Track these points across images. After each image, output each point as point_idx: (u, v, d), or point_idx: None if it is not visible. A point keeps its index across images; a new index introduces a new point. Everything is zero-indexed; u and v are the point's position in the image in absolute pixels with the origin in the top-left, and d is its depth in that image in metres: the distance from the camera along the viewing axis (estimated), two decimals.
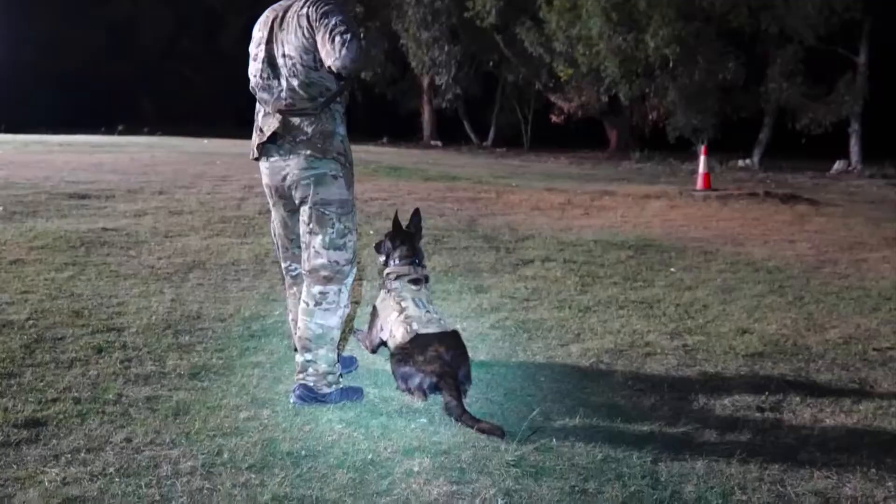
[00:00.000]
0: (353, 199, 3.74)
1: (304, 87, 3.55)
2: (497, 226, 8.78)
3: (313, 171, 3.60)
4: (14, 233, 6.99)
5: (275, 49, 3.60)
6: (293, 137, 3.60)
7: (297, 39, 3.52)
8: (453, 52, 26.27)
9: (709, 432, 3.51)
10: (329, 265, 3.67)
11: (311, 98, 3.57)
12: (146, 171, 11.92)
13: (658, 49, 20.05)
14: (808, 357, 4.65)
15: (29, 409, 3.47)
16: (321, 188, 3.61)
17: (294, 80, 3.56)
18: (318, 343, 3.69)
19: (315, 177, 3.60)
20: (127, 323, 4.77)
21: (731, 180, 16.64)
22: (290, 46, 3.55)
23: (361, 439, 3.32)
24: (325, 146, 3.60)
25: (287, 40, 3.55)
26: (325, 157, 3.60)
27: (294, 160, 3.61)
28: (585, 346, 4.71)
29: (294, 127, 3.59)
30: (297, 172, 3.62)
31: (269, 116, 3.65)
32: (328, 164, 3.61)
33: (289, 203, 3.76)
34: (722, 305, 5.77)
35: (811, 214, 10.60)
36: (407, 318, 4.00)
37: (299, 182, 3.63)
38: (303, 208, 3.68)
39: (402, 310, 4.06)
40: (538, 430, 3.45)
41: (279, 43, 3.59)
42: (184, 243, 7.03)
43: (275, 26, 3.62)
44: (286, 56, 3.56)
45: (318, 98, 3.57)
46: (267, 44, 3.62)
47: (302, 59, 3.53)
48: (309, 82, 3.55)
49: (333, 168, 3.62)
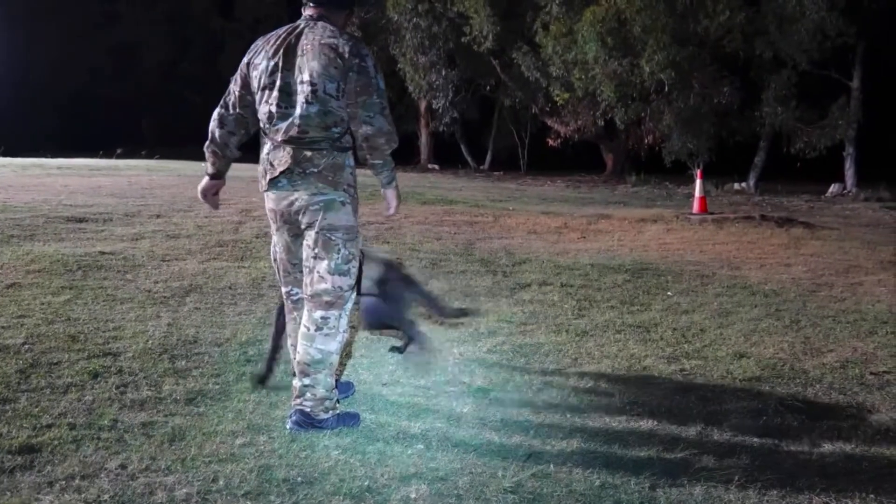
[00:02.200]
0: (357, 225, 3.74)
1: (321, 115, 3.55)
2: (494, 249, 8.79)
3: (323, 196, 3.60)
4: (11, 256, 6.97)
5: (293, 76, 3.57)
6: (303, 170, 3.59)
7: (322, 66, 3.51)
8: (450, 76, 26.41)
9: (707, 458, 3.50)
10: (333, 290, 3.66)
11: (326, 127, 3.57)
12: (144, 194, 11.92)
13: (653, 74, 20.19)
14: (805, 381, 4.65)
15: (23, 435, 3.45)
16: (329, 213, 3.62)
17: (312, 108, 3.54)
18: (316, 368, 3.68)
19: (324, 203, 3.61)
20: (123, 347, 4.75)
21: (727, 204, 16.69)
22: (313, 73, 3.52)
23: (358, 466, 3.31)
24: (336, 179, 3.60)
25: (310, 66, 3.53)
26: (336, 189, 3.61)
27: (303, 189, 3.61)
28: (583, 371, 4.70)
29: (305, 160, 3.58)
30: (306, 198, 3.61)
31: (279, 149, 3.62)
32: (338, 193, 3.62)
33: (293, 228, 3.75)
34: (719, 329, 5.77)
35: (807, 238, 10.62)
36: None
37: (308, 208, 3.62)
38: (308, 233, 3.67)
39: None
40: (535, 455, 3.44)
41: (297, 69, 3.56)
42: (181, 267, 7.02)
43: (289, 53, 3.59)
44: (305, 82, 3.54)
45: (332, 128, 3.57)
46: (283, 71, 3.59)
47: (325, 86, 3.52)
48: (326, 111, 3.55)
49: (342, 196, 3.63)
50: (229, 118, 3.79)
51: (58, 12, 30.84)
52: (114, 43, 32.63)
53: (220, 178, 3.97)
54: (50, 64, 29.94)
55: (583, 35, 20.88)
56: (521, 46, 24.00)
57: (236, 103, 3.76)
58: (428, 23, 25.46)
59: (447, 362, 4.80)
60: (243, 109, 3.76)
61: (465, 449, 3.52)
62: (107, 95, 31.87)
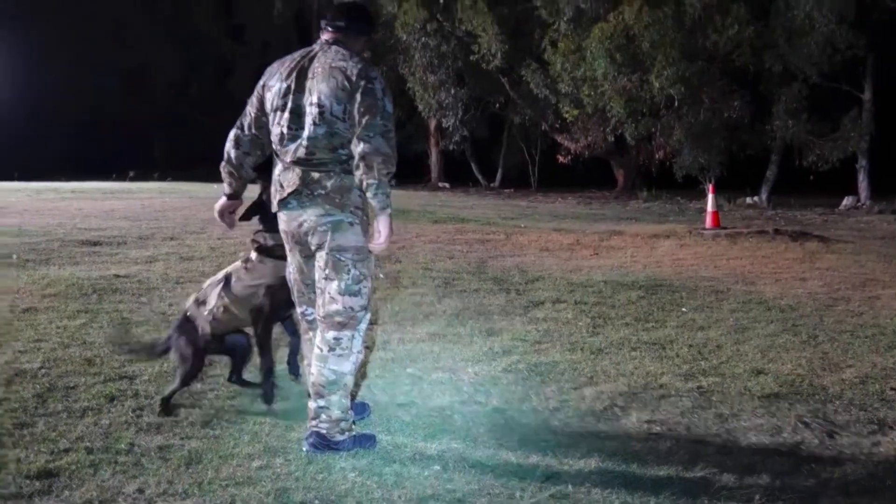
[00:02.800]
0: (367, 246, 3.73)
1: (328, 136, 3.58)
2: (507, 267, 8.78)
3: (330, 217, 3.62)
4: (27, 280, 7.01)
5: (303, 98, 3.62)
6: (311, 191, 3.62)
7: (331, 88, 3.55)
8: (460, 94, 26.48)
9: (727, 476, 3.47)
10: (344, 311, 3.66)
11: (332, 149, 3.59)
12: (157, 216, 11.98)
13: (663, 89, 20.19)
14: (824, 398, 4.61)
15: (41, 459, 3.45)
16: (337, 234, 3.63)
17: (319, 129, 3.58)
18: (330, 389, 3.67)
19: (332, 223, 3.62)
20: (139, 370, 4.76)
21: (740, 218, 16.64)
22: (321, 94, 3.57)
23: (375, 488, 3.29)
24: (343, 201, 3.62)
25: (319, 89, 3.58)
26: (343, 211, 3.62)
27: (311, 209, 3.63)
28: (599, 389, 4.68)
29: (313, 181, 3.61)
30: (314, 220, 3.64)
31: (289, 171, 3.66)
32: (345, 215, 3.63)
33: (305, 249, 3.76)
34: (735, 345, 5.73)
35: (822, 252, 10.56)
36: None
37: (316, 229, 3.64)
38: (319, 254, 3.69)
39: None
40: (553, 476, 3.42)
41: (307, 91, 3.61)
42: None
43: (301, 76, 3.64)
44: (314, 104, 3.58)
45: (339, 150, 3.59)
46: (295, 93, 3.64)
47: (333, 108, 3.56)
48: (333, 132, 3.57)
49: (350, 217, 3.64)
50: (245, 139, 3.84)
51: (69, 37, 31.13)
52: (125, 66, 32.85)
53: (237, 198, 4.02)
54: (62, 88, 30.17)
55: (591, 52, 20.92)
56: (529, 64, 24.07)
57: (252, 124, 3.81)
58: (436, 42, 25.57)
59: (462, 382, 4.78)
60: (258, 130, 3.81)
61: (483, 470, 3.50)
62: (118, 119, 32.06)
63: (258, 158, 3.90)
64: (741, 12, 19.92)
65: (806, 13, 19.29)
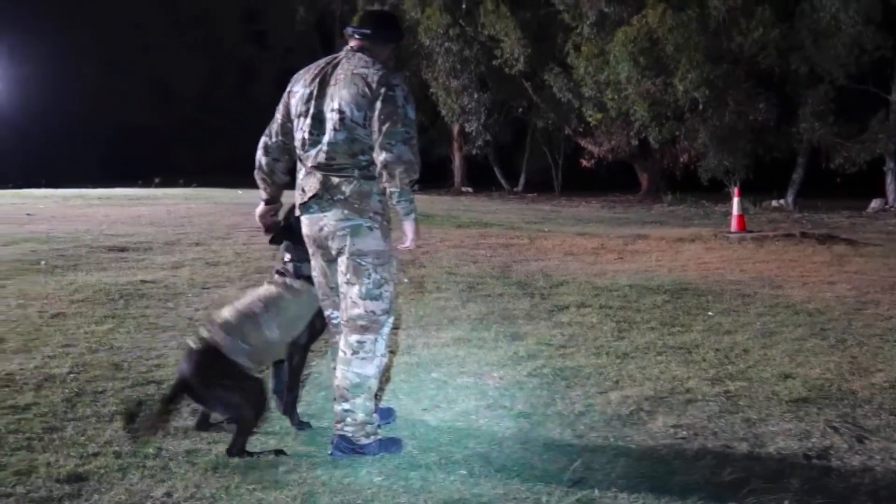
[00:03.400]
0: (389, 249, 3.74)
1: (348, 142, 3.59)
2: (531, 272, 8.76)
3: (349, 222, 3.63)
4: (55, 286, 7.09)
5: (324, 104, 3.64)
6: (331, 196, 3.64)
7: (351, 95, 3.58)
8: (483, 99, 26.52)
9: (755, 481, 3.44)
10: (365, 315, 3.67)
11: (352, 154, 3.61)
12: (182, 222, 12.08)
13: (687, 92, 20.11)
14: (854, 402, 4.55)
15: (71, 463, 3.48)
16: (357, 239, 3.64)
17: (339, 135, 3.60)
18: (354, 392, 3.68)
19: (351, 228, 3.64)
20: (166, 375, 4.78)
21: (766, 221, 16.51)
22: (342, 101, 3.59)
23: (401, 492, 3.29)
24: (362, 206, 3.63)
25: (340, 95, 3.60)
26: (362, 216, 3.64)
27: (331, 213, 3.65)
28: (625, 394, 4.65)
29: (333, 186, 3.63)
30: (333, 224, 3.65)
31: (310, 176, 3.68)
32: (364, 219, 3.64)
33: (326, 253, 3.78)
34: (763, 350, 5.68)
35: (850, 255, 10.45)
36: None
37: (335, 233, 3.66)
38: (340, 259, 3.71)
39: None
40: (580, 481, 3.40)
41: (328, 98, 3.63)
42: (221, 294, 7.08)
43: (324, 82, 3.67)
44: (335, 110, 3.60)
45: (359, 156, 3.61)
46: (317, 99, 3.66)
47: (353, 114, 3.57)
48: (353, 138, 3.59)
49: (369, 222, 3.65)
50: (272, 145, 3.88)
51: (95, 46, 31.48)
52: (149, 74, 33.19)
53: (274, 202, 4.06)
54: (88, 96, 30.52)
55: (615, 55, 20.88)
56: (552, 68, 24.06)
57: (279, 131, 3.85)
58: (459, 47, 25.62)
59: (487, 386, 4.78)
60: (285, 136, 3.84)
61: (509, 474, 3.49)
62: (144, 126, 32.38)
63: (288, 163, 3.92)
64: (766, 14, 19.80)
65: (832, 14, 19.14)
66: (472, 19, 25.72)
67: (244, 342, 3.74)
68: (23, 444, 3.68)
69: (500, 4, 24.61)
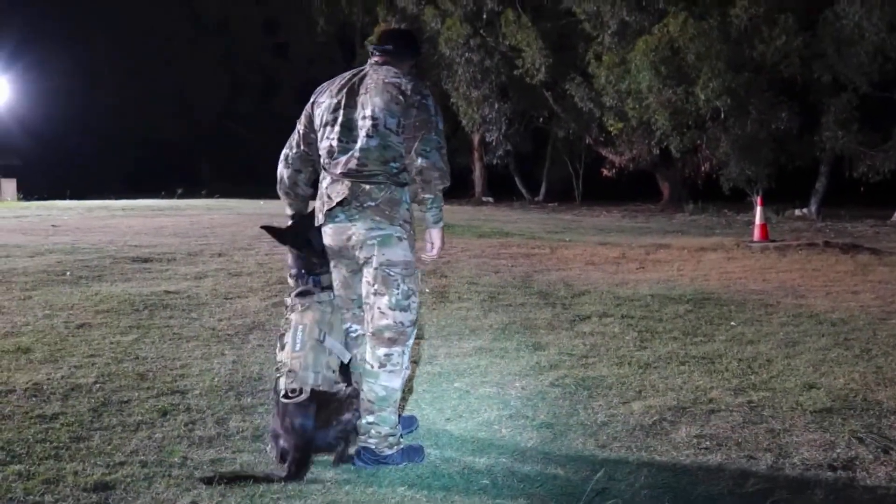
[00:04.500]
0: (414, 261, 3.77)
1: (380, 149, 3.64)
2: (552, 281, 8.75)
3: (379, 231, 3.66)
4: (80, 297, 7.16)
5: (355, 112, 3.69)
6: (360, 203, 3.66)
7: (384, 102, 3.64)
8: (503, 109, 26.55)
9: (779, 492, 3.42)
10: (394, 326, 3.69)
11: (384, 162, 3.65)
12: (205, 233, 12.16)
13: (709, 101, 20.04)
14: (879, 412, 4.52)
15: (98, 472, 3.52)
16: (386, 249, 3.66)
17: (372, 141, 3.64)
18: (381, 405, 3.70)
19: (380, 238, 3.66)
20: (190, 385, 4.83)
21: (789, 230, 16.40)
22: (374, 108, 3.64)
23: (424, 501, 3.31)
24: (392, 213, 3.66)
25: (373, 102, 3.65)
26: (392, 224, 3.67)
27: (360, 223, 3.67)
28: (647, 404, 4.64)
29: (363, 193, 3.66)
30: (363, 233, 3.67)
31: (338, 183, 3.70)
32: (394, 228, 3.68)
33: (351, 263, 3.80)
34: (786, 360, 5.65)
35: (874, 264, 10.36)
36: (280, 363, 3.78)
37: (364, 242, 3.68)
38: (366, 269, 3.72)
39: (282, 344, 3.82)
40: (602, 491, 3.40)
41: (360, 106, 3.69)
42: (243, 305, 7.13)
43: (352, 93, 3.72)
44: (367, 117, 3.65)
45: (390, 163, 3.65)
46: (346, 108, 3.71)
47: (386, 120, 3.63)
48: (385, 145, 3.64)
49: (399, 231, 3.68)
50: (294, 156, 3.92)
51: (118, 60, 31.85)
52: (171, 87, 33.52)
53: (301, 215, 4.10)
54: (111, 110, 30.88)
55: (636, 64, 20.86)
56: (573, 77, 24.07)
57: (300, 142, 3.90)
58: (480, 57, 25.69)
59: (510, 396, 4.78)
60: (308, 147, 3.89)
61: (531, 484, 3.50)
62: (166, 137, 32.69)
63: (311, 175, 3.96)
64: (789, 23, 19.70)
65: (855, 22, 19.01)
66: (493, 29, 25.79)
67: (329, 370, 3.74)
68: (50, 454, 3.72)
69: (522, 14, 24.68)
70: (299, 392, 3.63)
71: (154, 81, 32.52)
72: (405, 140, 3.66)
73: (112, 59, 31.76)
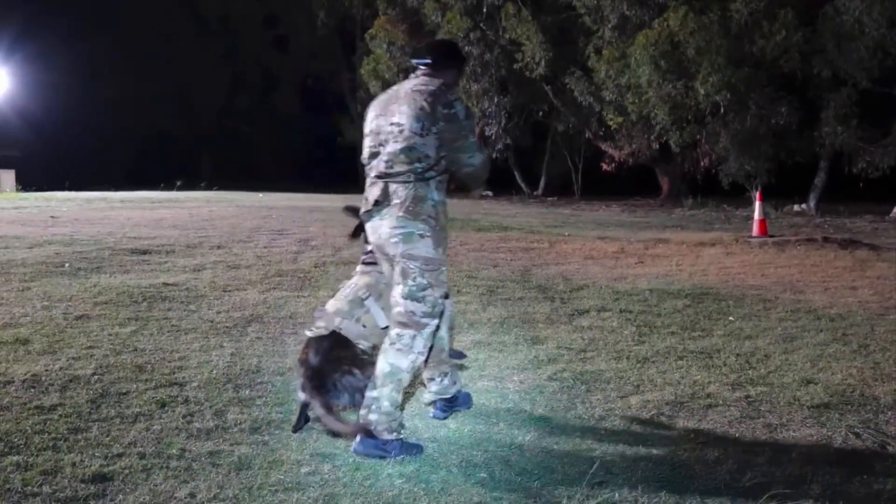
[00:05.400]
0: (442, 258, 3.91)
1: (406, 151, 3.81)
2: (551, 275, 8.76)
3: (402, 229, 3.82)
4: (79, 288, 7.16)
5: (384, 120, 3.90)
6: (389, 201, 3.86)
7: (411, 109, 3.82)
8: (503, 103, 26.52)
9: (776, 487, 3.43)
10: (405, 314, 3.85)
11: (409, 162, 3.81)
12: (204, 225, 12.15)
13: (708, 96, 20.02)
14: (876, 408, 4.53)
15: (96, 464, 3.53)
16: (408, 245, 3.82)
17: (396, 145, 3.83)
18: (384, 380, 3.80)
19: (403, 235, 3.83)
20: (188, 377, 4.84)
21: (788, 226, 16.41)
22: (401, 115, 3.84)
23: (422, 495, 3.31)
24: (417, 209, 3.81)
25: (400, 111, 3.85)
26: (415, 219, 3.81)
27: (387, 220, 3.85)
28: (645, 398, 4.65)
29: (392, 192, 3.86)
30: (388, 231, 3.86)
31: (374, 185, 3.92)
32: (416, 225, 3.82)
33: (388, 257, 3.98)
34: (784, 355, 5.66)
35: (872, 260, 10.37)
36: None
37: (390, 239, 3.86)
38: (394, 262, 3.92)
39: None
40: (600, 484, 3.41)
41: (389, 114, 3.89)
42: (242, 297, 7.13)
43: (389, 102, 3.95)
44: (394, 124, 3.85)
45: (415, 163, 3.81)
46: (380, 117, 3.94)
47: (411, 125, 3.81)
48: (410, 147, 3.80)
49: (421, 228, 3.82)
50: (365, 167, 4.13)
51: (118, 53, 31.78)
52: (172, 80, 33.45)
53: None
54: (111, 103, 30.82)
55: (636, 59, 20.82)
56: (573, 72, 24.03)
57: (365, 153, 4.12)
58: (480, 50, 25.65)
59: (508, 390, 4.79)
60: None
61: (529, 478, 3.50)
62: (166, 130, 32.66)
63: None
64: (789, 17, 19.67)
65: (855, 17, 18.97)
66: (493, 23, 25.75)
67: (359, 323, 4.01)
68: (48, 445, 3.73)
69: (522, 8, 24.62)
70: (322, 330, 3.96)
71: (154, 76, 32.44)
72: (444, 151, 3.84)
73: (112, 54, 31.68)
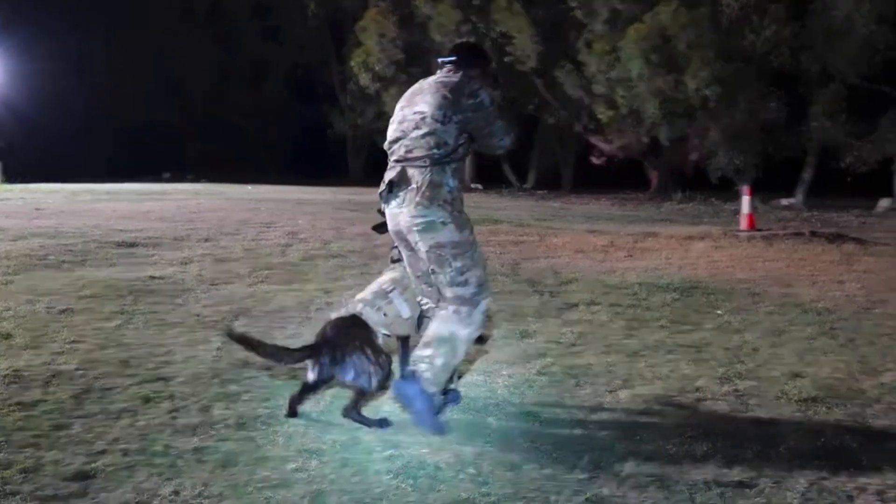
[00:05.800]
0: (470, 238, 3.97)
1: (426, 136, 3.92)
2: (540, 269, 8.74)
3: (422, 218, 3.89)
4: (64, 282, 7.10)
5: (409, 110, 4.03)
6: (406, 186, 3.93)
7: (434, 98, 3.95)
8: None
9: (764, 481, 3.42)
10: (456, 298, 3.96)
11: (429, 148, 3.91)
12: (192, 218, 12.10)
13: (698, 90, 20.07)
14: (863, 402, 4.53)
15: (78, 461, 3.48)
16: (431, 234, 3.91)
17: (417, 131, 3.94)
18: (439, 344, 3.91)
19: (424, 224, 3.90)
20: (174, 372, 4.79)
21: (776, 220, 16.45)
22: (424, 104, 3.97)
23: (410, 491, 3.28)
24: (433, 195, 3.88)
25: (423, 100, 3.99)
26: (431, 206, 3.87)
27: (406, 208, 3.93)
28: (634, 392, 4.64)
29: (408, 177, 3.93)
30: (408, 220, 3.94)
31: (392, 169, 4.01)
32: (435, 212, 3.88)
33: (407, 245, 4.07)
34: (772, 349, 5.66)
35: (859, 254, 10.41)
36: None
37: (411, 228, 3.94)
38: (420, 252, 3.99)
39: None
40: (588, 479, 3.39)
41: (413, 105, 4.02)
42: (229, 291, 7.09)
43: (415, 94, 4.08)
44: (417, 112, 3.98)
45: (434, 149, 3.89)
46: (406, 107, 4.06)
47: (434, 113, 3.92)
48: (431, 132, 3.91)
49: (441, 215, 3.89)
50: None
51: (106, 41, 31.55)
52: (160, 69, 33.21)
53: None
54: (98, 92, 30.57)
55: (626, 52, 20.84)
56: (564, 65, 24.02)
57: None
58: None
59: (497, 384, 4.76)
60: None
61: (518, 473, 3.48)
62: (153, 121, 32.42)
63: None
64: (779, 13, 19.72)
65: (845, 14, 19.05)
66: (484, 16, 25.69)
67: (380, 312, 4.12)
68: (30, 442, 3.67)
69: (513, 1, 24.57)
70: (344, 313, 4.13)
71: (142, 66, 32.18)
72: (477, 137, 4.00)
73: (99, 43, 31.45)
